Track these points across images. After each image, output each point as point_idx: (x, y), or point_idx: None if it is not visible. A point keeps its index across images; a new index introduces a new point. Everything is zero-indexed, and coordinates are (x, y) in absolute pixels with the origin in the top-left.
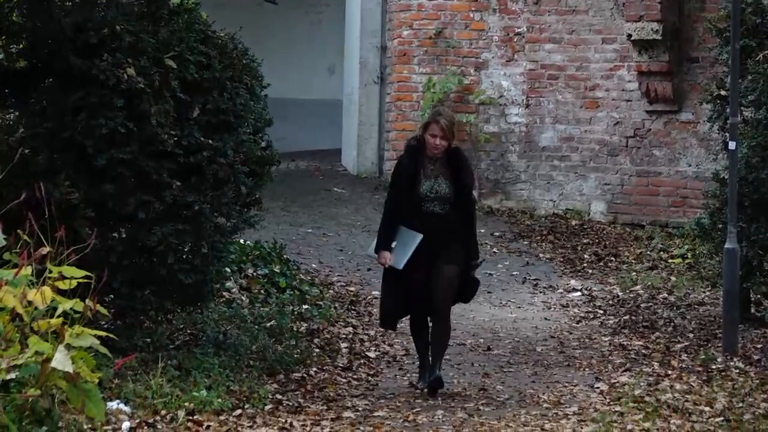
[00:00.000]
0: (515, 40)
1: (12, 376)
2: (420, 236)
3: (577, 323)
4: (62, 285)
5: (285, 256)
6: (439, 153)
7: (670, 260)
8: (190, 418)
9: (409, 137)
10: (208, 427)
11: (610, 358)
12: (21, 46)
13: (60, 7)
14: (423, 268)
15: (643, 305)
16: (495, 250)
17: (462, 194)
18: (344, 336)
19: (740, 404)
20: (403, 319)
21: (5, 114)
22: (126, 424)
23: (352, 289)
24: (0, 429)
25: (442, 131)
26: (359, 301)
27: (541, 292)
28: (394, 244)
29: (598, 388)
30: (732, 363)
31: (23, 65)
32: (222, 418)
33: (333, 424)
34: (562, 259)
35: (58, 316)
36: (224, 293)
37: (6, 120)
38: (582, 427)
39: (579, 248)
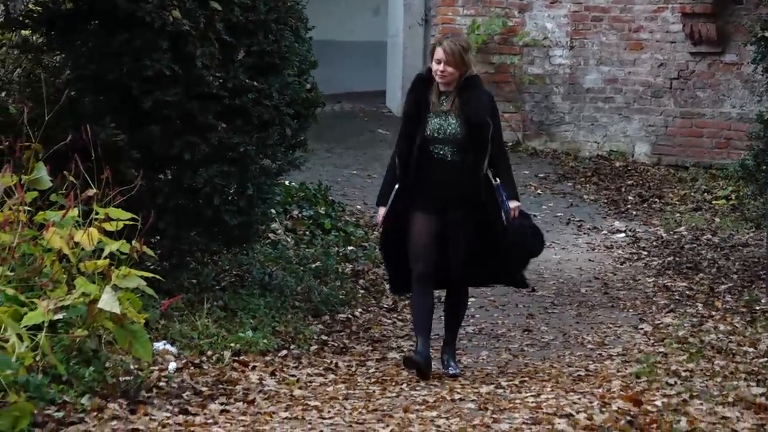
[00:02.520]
0: None
1: (59, 316)
2: (394, 187)
3: (621, 264)
4: (109, 226)
5: (330, 198)
6: (447, 83)
7: (713, 202)
8: (236, 358)
9: (421, 70)
10: (253, 367)
11: (653, 299)
12: None
13: None
14: (435, 222)
15: (686, 246)
16: (539, 191)
17: (476, 134)
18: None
19: None
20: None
21: (52, 56)
22: (172, 365)
23: None
24: (48, 369)
25: (446, 55)
26: None
27: (585, 234)
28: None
29: (642, 329)
30: None
31: (69, 7)
32: (267, 358)
33: (378, 365)
34: (606, 201)
35: (105, 258)
36: (270, 234)
37: (52, 62)
38: (626, 368)
39: (623, 190)
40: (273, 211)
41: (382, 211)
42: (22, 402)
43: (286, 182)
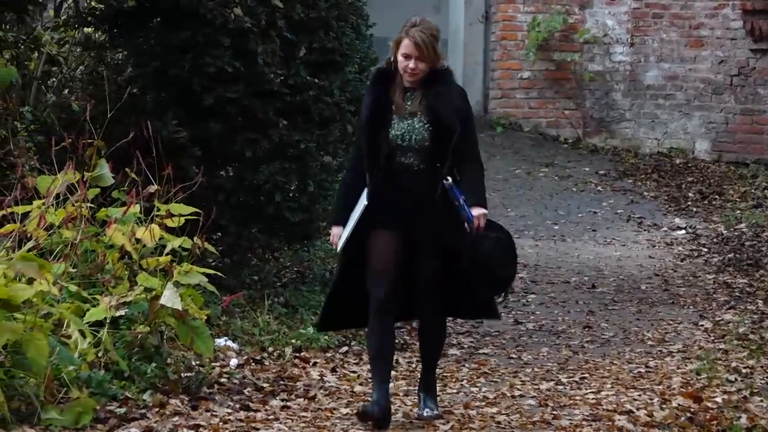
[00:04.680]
0: None
1: (121, 313)
2: (363, 204)
3: (682, 261)
4: (170, 222)
5: None
6: (415, 81)
7: None
8: (297, 354)
9: (381, 63)
10: (314, 363)
11: (714, 295)
12: None
13: None
14: (399, 242)
15: (747, 243)
16: (599, 188)
17: (446, 140)
18: None
19: None
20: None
21: (114, 53)
22: (234, 361)
23: None
24: (110, 365)
25: (417, 49)
26: None
27: (645, 230)
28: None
29: (702, 325)
30: None
31: (132, 4)
32: (328, 355)
33: (439, 361)
34: (666, 198)
35: (167, 254)
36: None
37: (115, 59)
38: (686, 365)
39: (683, 186)
40: None
41: (337, 231)
42: (85, 398)
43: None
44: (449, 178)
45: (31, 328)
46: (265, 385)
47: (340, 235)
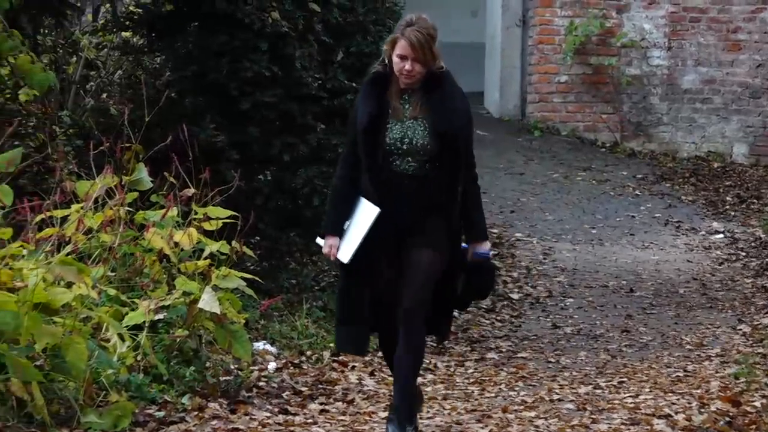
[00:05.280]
0: None
1: (160, 316)
2: (375, 211)
3: (720, 265)
4: (208, 226)
5: None
6: (413, 83)
7: None
8: (335, 358)
9: (374, 65)
10: (353, 367)
11: (752, 300)
12: None
13: None
14: (392, 260)
15: None
16: (637, 192)
17: (448, 144)
18: None
19: None
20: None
21: (152, 58)
22: (272, 365)
23: (494, 231)
24: (149, 368)
25: (413, 50)
26: (502, 243)
27: (683, 234)
28: (347, 225)
29: (740, 329)
30: None
31: (169, 9)
32: (367, 358)
33: (476, 365)
34: (704, 202)
35: (205, 258)
36: None
37: (153, 63)
38: (725, 369)
39: (721, 190)
40: None
41: (333, 241)
42: (124, 401)
43: None
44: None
45: (71, 332)
46: (303, 388)
47: (335, 246)
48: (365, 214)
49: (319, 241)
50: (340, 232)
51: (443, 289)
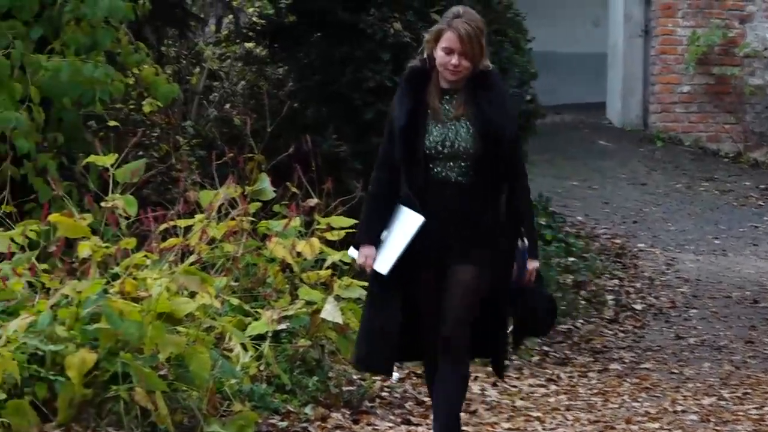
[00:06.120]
0: None
1: (283, 326)
2: (419, 220)
3: None
4: (330, 236)
5: (551, 209)
6: (458, 81)
7: None
8: None
9: (412, 61)
10: (475, 378)
11: None
12: (290, 1)
13: None
14: (432, 275)
15: None
16: (761, 202)
17: (494, 148)
18: (610, 288)
19: None
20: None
21: (275, 68)
22: (395, 375)
23: (617, 241)
24: (272, 378)
25: (462, 43)
26: (625, 253)
27: None
28: (384, 235)
29: None
30: None
31: (292, 20)
32: (489, 369)
33: (599, 376)
34: None
35: (327, 268)
36: None
37: (275, 74)
38: None
39: None
40: None
41: (369, 251)
42: (247, 411)
43: None
44: (524, 239)
45: (194, 342)
46: (426, 399)
47: (371, 256)
48: (407, 222)
49: (352, 252)
50: (376, 242)
51: (491, 310)
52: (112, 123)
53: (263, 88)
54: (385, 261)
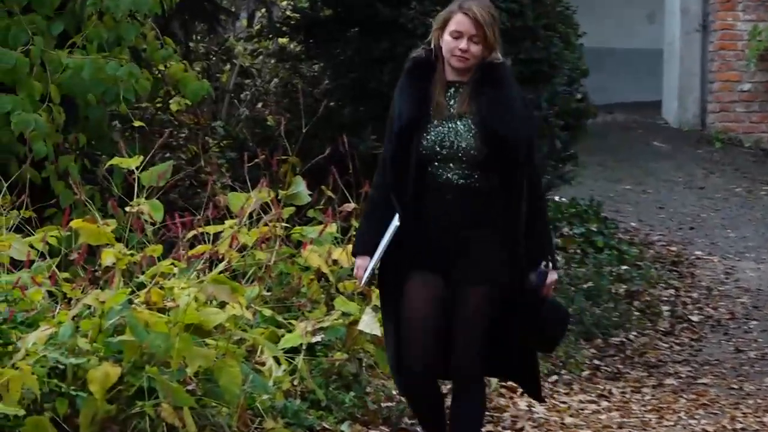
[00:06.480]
0: None
1: (318, 339)
2: (394, 225)
3: None
4: None
5: (602, 214)
6: (465, 69)
7: None
8: (503, 383)
9: (416, 50)
10: (522, 393)
11: None
12: None
13: None
14: (433, 287)
15: None
16: None
17: (500, 150)
18: (665, 299)
19: None
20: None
21: (310, 65)
22: None
23: (673, 248)
24: (306, 394)
25: (475, 25)
26: (681, 261)
27: None
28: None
29: None
30: None
31: (328, 14)
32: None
33: (654, 392)
34: None
35: None
36: None
37: (311, 71)
38: None
39: None
40: None
41: (363, 262)
42: (280, 428)
43: (556, 198)
44: (544, 263)
45: (224, 355)
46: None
47: (362, 268)
48: (389, 229)
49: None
50: (371, 251)
51: (507, 328)
52: (137, 123)
53: (297, 86)
54: (367, 272)
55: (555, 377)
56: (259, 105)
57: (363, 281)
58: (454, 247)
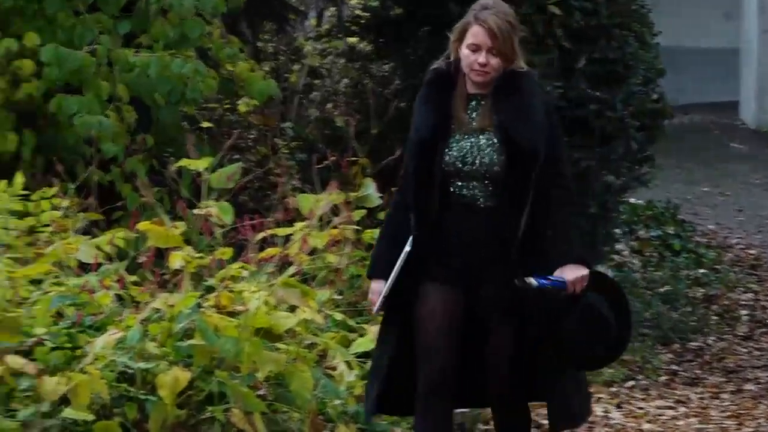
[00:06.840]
0: None
1: None
2: (405, 250)
3: None
4: None
5: (679, 217)
6: (485, 82)
7: None
8: None
9: (436, 63)
10: (598, 399)
11: None
12: None
13: None
14: (446, 303)
15: None
16: None
17: (524, 166)
18: (744, 303)
19: None
20: None
21: (380, 65)
22: None
23: (752, 252)
24: None
25: (492, 39)
26: (761, 264)
27: None
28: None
29: None
30: None
31: (399, 13)
32: (613, 389)
33: (733, 398)
34: None
35: None
36: (614, 256)
37: (381, 71)
38: None
39: None
40: (617, 231)
41: (377, 286)
42: None
43: (632, 200)
44: (532, 279)
45: (294, 359)
46: (544, 421)
47: (376, 293)
48: (402, 254)
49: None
50: (386, 275)
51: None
52: (205, 124)
53: (368, 86)
54: (380, 299)
55: (632, 382)
56: (329, 106)
57: (377, 307)
58: (477, 264)
